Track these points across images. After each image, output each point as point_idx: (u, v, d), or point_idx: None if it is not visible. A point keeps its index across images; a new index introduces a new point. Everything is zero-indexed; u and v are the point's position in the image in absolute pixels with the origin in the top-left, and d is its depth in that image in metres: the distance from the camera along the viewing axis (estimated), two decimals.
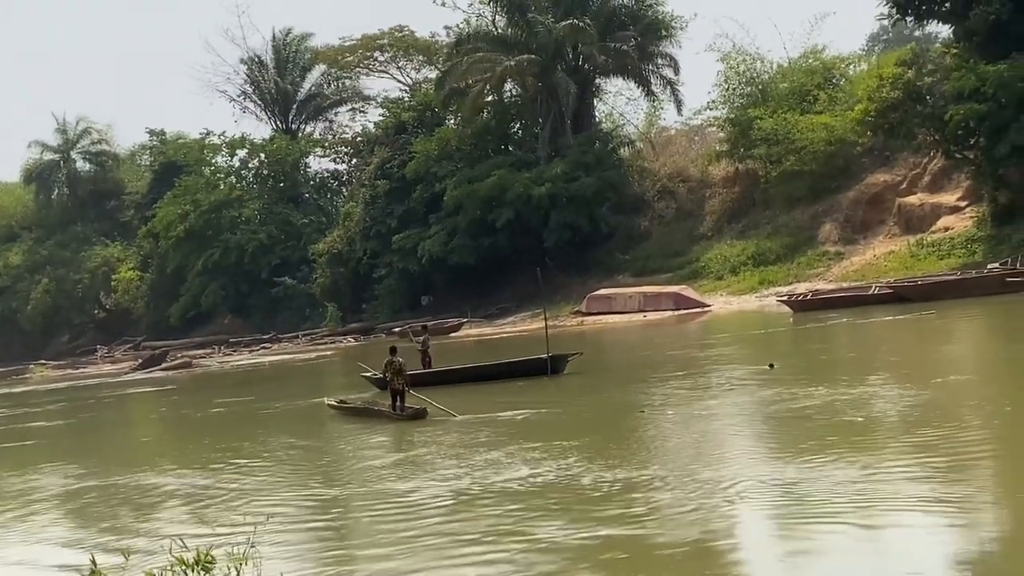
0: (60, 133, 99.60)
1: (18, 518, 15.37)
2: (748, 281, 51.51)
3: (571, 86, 63.01)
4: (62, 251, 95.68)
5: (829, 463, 12.60)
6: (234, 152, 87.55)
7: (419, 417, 20.73)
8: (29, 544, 13.51)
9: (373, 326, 65.07)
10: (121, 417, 33.76)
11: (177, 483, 16.76)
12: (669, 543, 10.29)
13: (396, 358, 21.70)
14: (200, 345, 71.20)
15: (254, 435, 22.26)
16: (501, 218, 60.12)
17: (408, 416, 20.96)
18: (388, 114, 75.69)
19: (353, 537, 12.31)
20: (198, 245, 79.20)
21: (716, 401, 19.80)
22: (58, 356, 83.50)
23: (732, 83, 61.08)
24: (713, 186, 62.50)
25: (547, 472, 13.98)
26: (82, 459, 21.62)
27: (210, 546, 7.58)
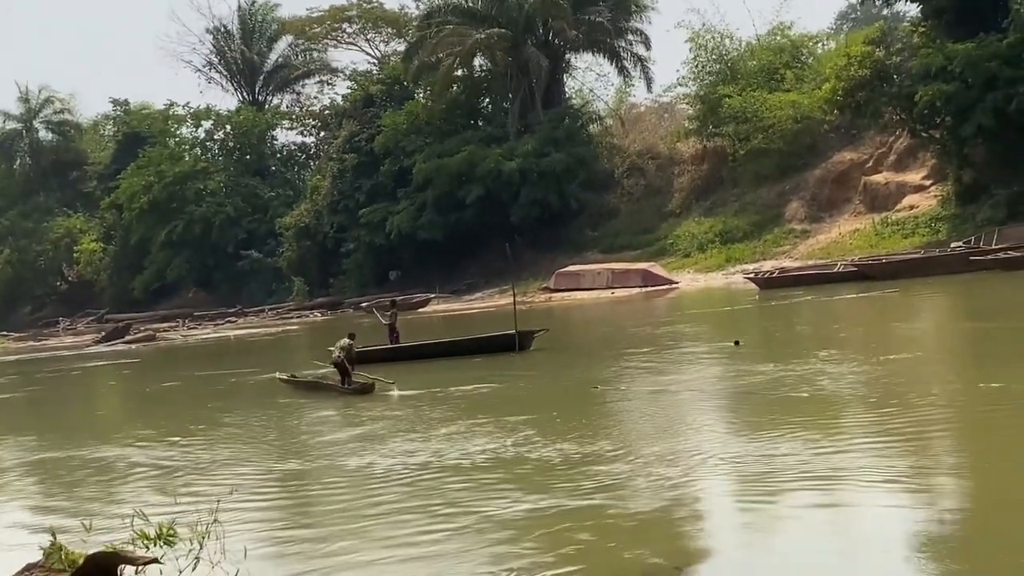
0: (22, 102, 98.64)
1: None
2: (715, 259, 51.64)
3: (543, 61, 62.83)
4: (24, 221, 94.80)
5: (788, 438, 12.63)
6: (199, 123, 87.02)
7: (366, 391, 21.22)
8: None
9: (340, 300, 64.90)
10: (82, 390, 33.49)
11: (137, 456, 16.51)
12: (625, 514, 10.26)
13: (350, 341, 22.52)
14: (164, 318, 70.78)
15: (215, 409, 22.08)
16: (471, 194, 59.96)
17: (355, 390, 21.50)
18: (356, 87, 75.31)
19: (313, 511, 12.20)
20: (162, 217, 78.54)
21: (679, 377, 19.85)
22: (19, 328, 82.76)
23: (701, 60, 61.14)
24: (682, 163, 62.59)
25: (504, 446, 13.97)
26: (40, 431, 21.41)
27: (172, 520, 7.51)
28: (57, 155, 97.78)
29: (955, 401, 14.41)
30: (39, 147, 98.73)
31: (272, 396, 23.03)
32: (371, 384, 21.43)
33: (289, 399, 22.41)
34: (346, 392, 21.72)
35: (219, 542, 8.23)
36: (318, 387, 23.19)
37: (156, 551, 7.65)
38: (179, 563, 7.96)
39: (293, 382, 24.25)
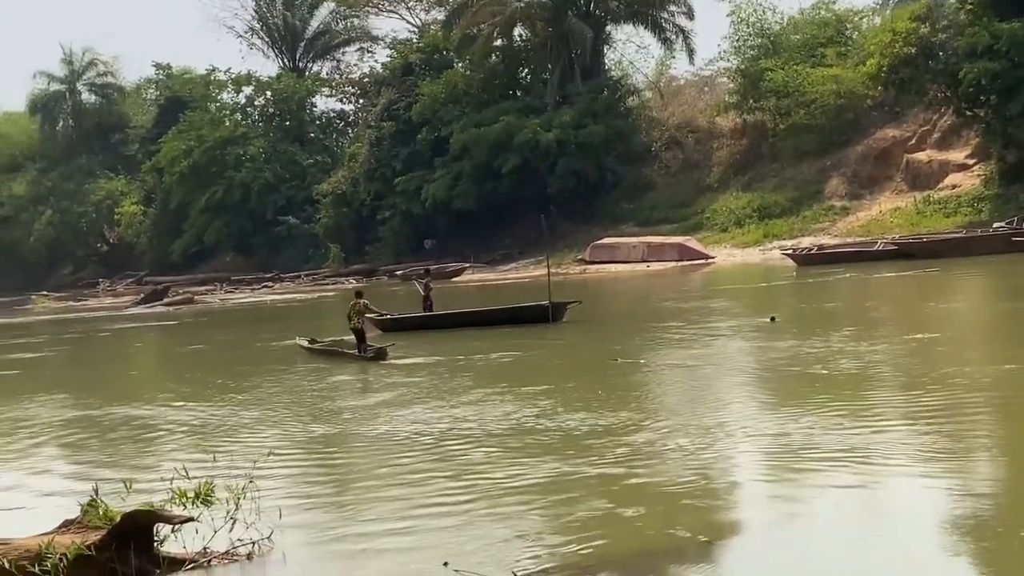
0: (66, 64, 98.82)
1: (14, 447, 15.37)
2: (753, 234, 51.39)
3: (587, 31, 62.52)
4: (66, 183, 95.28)
5: (819, 415, 12.67)
6: (240, 89, 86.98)
7: (380, 357, 21.64)
8: (25, 473, 13.50)
9: (375, 268, 65.06)
10: (120, 350, 33.78)
11: (170, 416, 16.74)
12: (649, 485, 10.33)
13: (360, 300, 22.91)
14: (202, 282, 71.14)
15: (245, 372, 22.30)
16: (507, 164, 59.88)
17: (370, 356, 21.89)
18: (396, 55, 75.13)
19: (341, 475, 12.35)
20: (202, 181, 78.83)
21: (711, 351, 19.90)
22: (60, 288, 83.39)
23: (742, 34, 60.64)
24: (721, 137, 62.22)
25: (526, 415, 14.12)
26: (77, 389, 21.66)
27: (209, 480, 7.61)
28: (100, 118, 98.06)
29: (988, 381, 14.34)
30: (82, 109, 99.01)
31: (296, 361, 23.34)
32: (384, 350, 21.84)
33: (311, 364, 22.74)
34: (361, 358, 22.09)
35: (254, 503, 8.34)
36: (335, 353, 23.57)
37: (193, 510, 7.76)
38: (214, 523, 8.07)
39: (312, 348, 24.58)
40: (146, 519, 7.58)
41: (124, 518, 7.56)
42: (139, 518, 7.53)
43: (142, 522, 7.57)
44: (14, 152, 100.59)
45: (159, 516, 7.56)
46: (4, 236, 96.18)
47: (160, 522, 7.69)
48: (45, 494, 12.04)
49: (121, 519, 7.58)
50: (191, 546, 8.24)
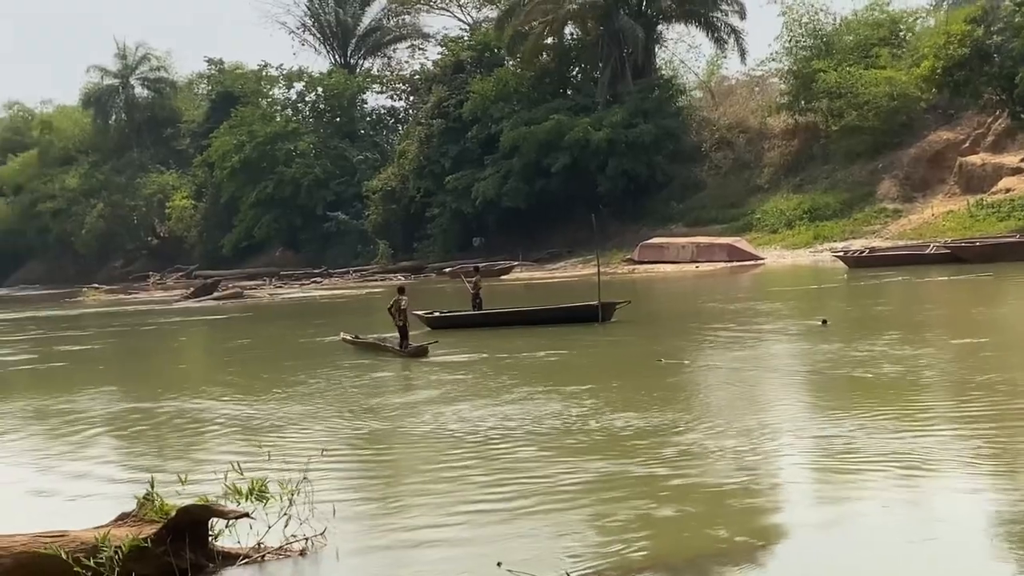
0: (120, 58, 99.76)
1: (68, 440, 15.52)
2: (803, 235, 51.10)
3: (638, 31, 62.35)
4: (118, 177, 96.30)
5: (868, 418, 12.63)
6: (291, 85, 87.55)
7: (420, 354, 21.97)
8: (80, 465, 13.60)
9: (424, 265, 65.22)
10: (170, 344, 34.06)
11: (219, 410, 16.86)
12: (696, 486, 10.33)
13: (402, 297, 22.97)
14: (251, 276, 71.57)
15: (294, 367, 22.38)
16: (557, 162, 59.86)
17: (410, 353, 22.15)
18: (447, 52, 75.28)
19: (391, 472, 12.42)
20: (252, 176, 79.39)
21: (762, 353, 19.86)
22: (111, 281, 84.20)
23: (795, 35, 60.26)
24: (772, 138, 61.92)
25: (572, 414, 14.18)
26: (127, 382, 21.84)
27: (265, 478, 7.64)
28: (152, 112, 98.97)
29: None
30: (134, 104, 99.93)
31: (341, 357, 23.49)
32: (425, 347, 22.18)
33: (355, 359, 22.89)
34: (402, 354, 22.28)
35: (307, 500, 8.37)
36: (377, 348, 23.78)
37: (247, 506, 7.79)
38: (268, 518, 8.10)
39: (356, 343, 24.79)
40: (201, 514, 7.63)
41: (179, 512, 7.61)
42: (194, 513, 7.58)
43: (197, 517, 7.62)
44: (67, 145, 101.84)
45: (214, 511, 7.60)
46: (57, 228, 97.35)
47: (215, 517, 7.73)
48: (99, 487, 12.15)
49: (176, 513, 7.63)
50: (245, 541, 8.29)
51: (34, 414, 18.15)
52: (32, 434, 16.37)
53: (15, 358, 29.43)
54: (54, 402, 19.12)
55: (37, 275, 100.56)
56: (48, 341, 34.45)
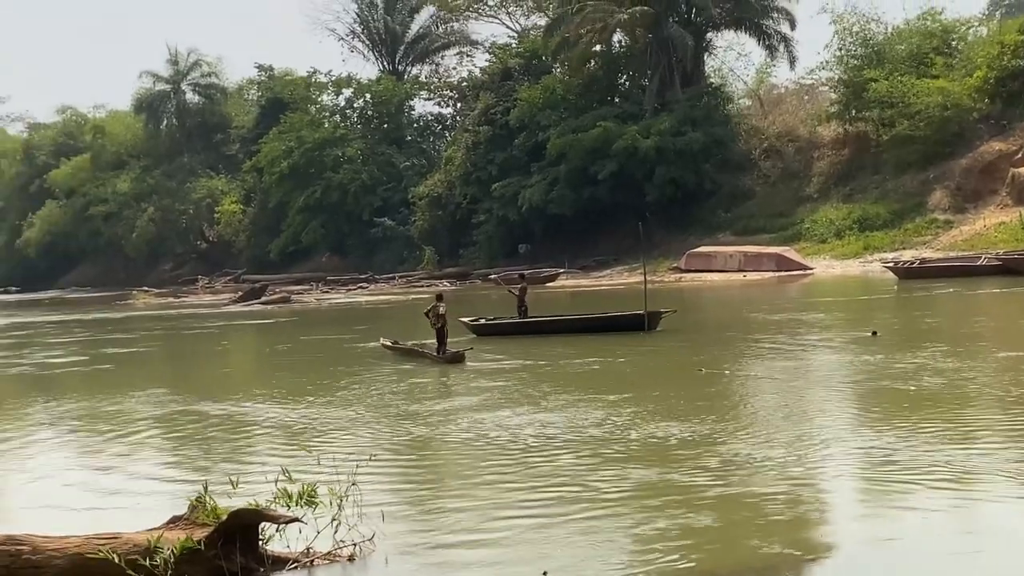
0: (171, 64, 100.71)
1: (119, 442, 15.65)
2: (852, 246, 50.76)
3: (687, 38, 62.20)
4: (168, 181, 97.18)
5: (916, 431, 12.57)
6: (340, 91, 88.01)
7: (457, 360, 22.15)
8: (131, 468, 13.73)
9: (469, 271, 65.31)
10: (217, 347, 34.27)
11: (266, 414, 17.00)
12: (740, 496, 10.29)
13: (440, 304, 23.40)
14: (299, 281, 71.91)
15: (339, 372, 22.55)
16: (604, 170, 59.79)
17: (447, 359, 22.38)
18: (495, 60, 75.43)
19: (436, 478, 12.47)
20: (300, 182, 79.87)
21: (808, 363, 19.76)
22: (160, 284, 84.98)
23: (846, 43, 59.92)
24: (822, 147, 61.59)
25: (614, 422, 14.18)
26: (175, 386, 21.96)
27: (315, 483, 7.67)
28: (202, 117, 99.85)
29: None
30: (185, 109, 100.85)
31: (382, 362, 23.74)
32: (462, 354, 22.36)
33: (395, 365, 23.04)
34: (440, 360, 22.52)
35: (357, 505, 8.39)
36: (415, 354, 23.97)
37: (297, 511, 7.82)
38: (317, 523, 8.14)
39: (395, 348, 25.00)
40: (252, 518, 7.67)
41: (231, 516, 7.66)
42: (245, 516, 7.62)
43: (248, 520, 7.66)
44: (119, 150, 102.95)
45: (265, 515, 7.64)
46: (108, 232, 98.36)
47: (266, 521, 7.77)
48: (151, 489, 12.26)
49: (228, 517, 7.67)
50: (294, 546, 8.33)
51: (86, 416, 18.31)
52: (85, 436, 16.53)
53: (67, 360, 29.73)
54: (105, 404, 19.30)
55: (88, 278, 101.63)
56: (99, 343, 34.77)
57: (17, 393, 23.11)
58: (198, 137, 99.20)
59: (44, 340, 37.58)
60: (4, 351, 33.83)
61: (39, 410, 19.62)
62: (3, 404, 20.95)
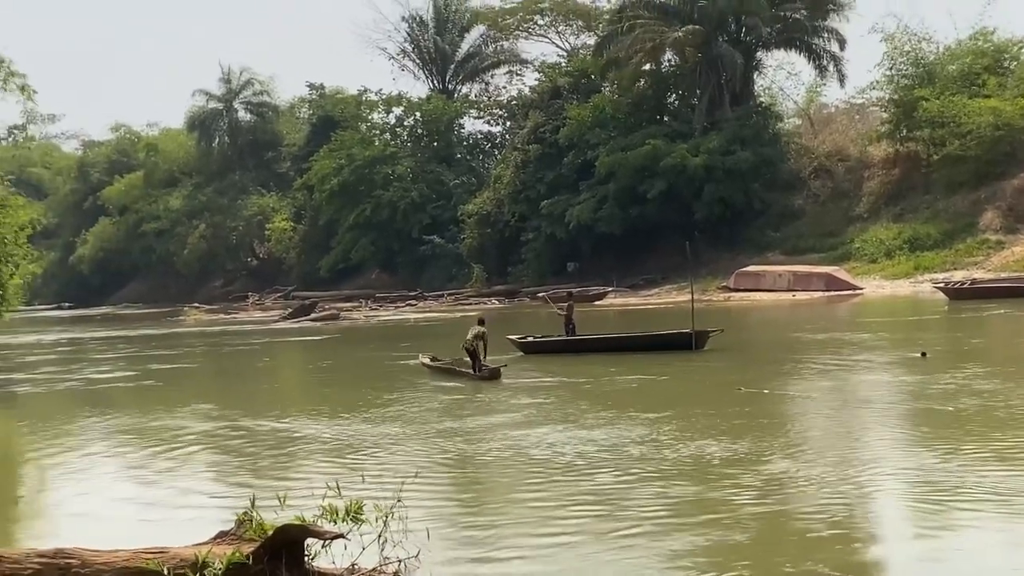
0: (224, 83, 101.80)
1: (167, 457, 15.85)
2: (903, 266, 50.39)
3: (737, 57, 62.08)
4: (220, 198, 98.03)
5: (965, 453, 12.49)
6: (390, 109, 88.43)
7: (494, 377, 22.46)
8: (178, 483, 13.89)
9: (518, 289, 65.39)
10: (266, 363, 34.50)
11: (313, 430, 17.15)
12: (783, 516, 10.28)
13: (481, 328, 23.66)
14: (348, 298, 72.22)
15: (382, 388, 22.73)
16: (653, 188, 59.76)
17: (484, 376, 22.63)
18: (544, 78, 75.55)
19: (479, 496, 12.52)
20: (351, 199, 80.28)
21: (857, 384, 19.65)
22: (211, 300, 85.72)
23: (897, 63, 59.55)
24: (872, 167, 61.25)
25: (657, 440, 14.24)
26: (224, 401, 22.19)
27: (360, 500, 7.75)
28: (254, 135, 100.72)
29: None
30: (237, 127, 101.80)
31: (423, 379, 24.02)
32: (498, 370, 22.67)
33: (437, 382, 23.26)
34: (476, 377, 22.76)
35: (402, 522, 8.46)
36: (453, 372, 24.20)
37: (343, 527, 7.90)
38: (363, 540, 8.21)
39: (433, 366, 25.22)
40: (298, 534, 7.75)
41: (277, 532, 7.74)
42: (292, 532, 7.70)
43: (294, 536, 7.74)
44: (172, 167, 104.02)
45: (311, 531, 7.71)
46: (160, 249, 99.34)
47: (312, 537, 7.84)
48: (197, 503, 12.40)
49: (275, 532, 7.76)
50: (339, 562, 8.40)
51: (134, 431, 18.53)
52: (132, 450, 16.71)
53: (116, 375, 30.08)
54: (152, 419, 19.53)
55: (140, 294, 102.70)
56: (148, 359, 35.13)
57: (67, 408, 23.42)
58: (250, 155, 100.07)
59: (94, 356, 38.04)
60: (56, 366, 34.29)
61: (88, 425, 19.86)
62: (53, 419, 21.23)
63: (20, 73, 34.99)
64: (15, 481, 14.83)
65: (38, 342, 48.67)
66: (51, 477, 15.31)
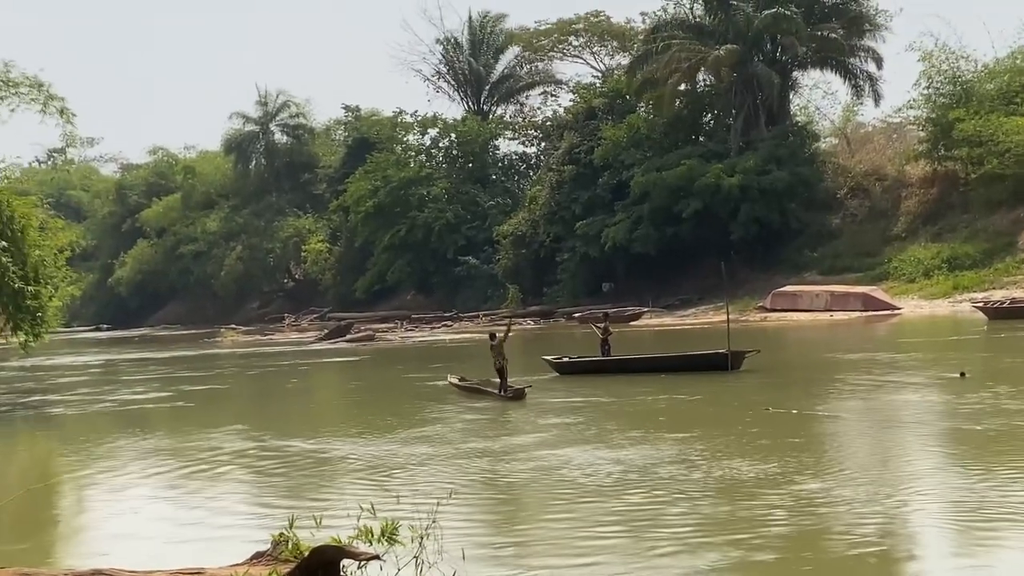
0: (261, 105, 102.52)
1: (202, 476, 15.91)
2: (941, 285, 49.96)
3: (773, 77, 61.91)
4: (256, 220, 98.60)
5: (1006, 475, 12.32)
6: (425, 131, 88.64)
7: (519, 397, 22.77)
8: (213, 503, 13.96)
9: (553, 310, 65.32)
10: (302, 384, 34.63)
11: (346, 451, 17.23)
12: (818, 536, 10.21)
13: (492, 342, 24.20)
14: (384, 319, 72.35)
15: (415, 408, 22.94)
16: (688, 208, 59.64)
17: (509, 396, 22.98)
18: (579, 99, 75.66)
19: (513, 515, 12.54)
20: (386, 221, 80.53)
21: (897, 403, 19.47)
22: (248, 322, 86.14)
23: (934, 82, 59.22)
24: (909, 186, 60.88)
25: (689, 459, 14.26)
26: (258, 422, 22.29)
27: (396, 520, 7.72)
28: (290, 157, 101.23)
29: None
30: (274, 149, 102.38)
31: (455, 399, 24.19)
32: (522, 391, 22.96)
33: (467, 402, 23.45)
34: (501, 398, 23.14)
35: (437, 543, 8.42)
36: (479, 391, 24.49)
37: (378, 548, 7.87)
38: (399, 561, 8.19)
39: (461, 386, 25.47)
40: (334, 555, 7.72)
41: (314, 552, 7.73)
42: (328, 553, 7.68)
43: (330, 557, 7.72)
44: (209, 189, 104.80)
45: (347, 552, 7.69)
46: (197, 270, 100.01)
47: (347, 558, 7.82)
48: (233, 523, 12.43)
49: (310, 553, 7.75)
50: None
51: (170, 451, 18.64)
52: (168, 471, 16.78)
53: (152, 395, 30.28)
54: (188, 440, 19.66)
55: (177, 315, 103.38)
56: (183, 380, 35.33)
57: (104, 428, 23.57)
58: (286, 177, 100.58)
59: (131, 377, 38.27)
60: (93, 387, 34.52)
61: (126, 445, 19.97)
62: (91, 439, 21.35)
63: (59, 97, 35.29)
64: (54, 501, 14.90)
65: (76, 363, 49.02)
66: (89, 497, 15.40)
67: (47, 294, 26.91)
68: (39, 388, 35.07)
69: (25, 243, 26.10)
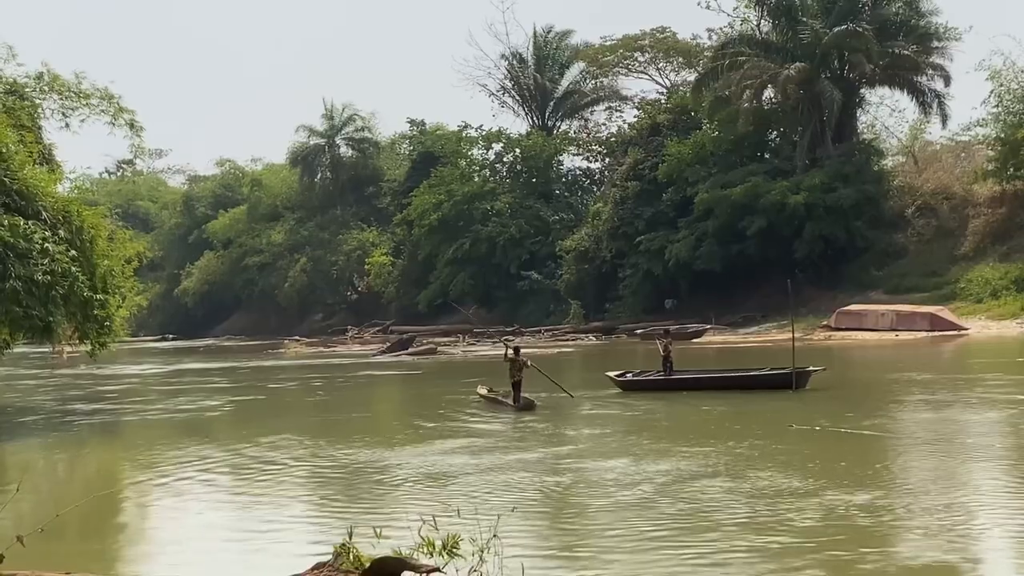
0: (327, 119, 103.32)
1: (261, 486, 16.02)
2: (1010, 306, 49.24)
3: (836, 94, 61.39)
4: (321, 233, 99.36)
5: None
6: (490, 145, 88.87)
7: (529, 408, 23.90)
8: (272, 511, 14.07)
9: (615, 326, 65.12)
10: (362, 396, 34.80)
11: (405, 460, 17.32)
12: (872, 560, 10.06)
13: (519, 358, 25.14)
14: (445, 333, 72.46)
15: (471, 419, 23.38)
16: (752, 226, 59.30)
17: (521, 407, 24.09)
18: (644, 115, 75.56)
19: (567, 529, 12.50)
20: (450, 235, 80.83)
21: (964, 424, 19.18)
22: (311, 334, 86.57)
23: (1004, 101, 58.45)
24: (977, 206, 60.09)
25: (758, 481, 14.08)
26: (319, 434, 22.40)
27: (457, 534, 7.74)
28: (355, 171, 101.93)
29: None
30: (339, 163, 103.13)
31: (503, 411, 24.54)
32: (532, 402, 24.13)
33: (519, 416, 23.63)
34: (514, 408, 24.23)
35: (497, 556, 8.44)
36: (498, 403, 25.42)
37: (438, 560, 7.90)
38: (458, 574, 8.21)
39: (486, 397, 26.44)
40: (395, 566, 7.75)
41: (374, 563, 7.76)
42: (389, 565, 7.71)
43: (391, 569, 7.74)
44: (274, 202, 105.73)
45: (408, 564, 7.71)
46: (262, 282, 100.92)
47: (408, 570, 7.85)
48: (291, 532, 12.52)
49: (371, 565, 7.78)
50: None
51: (230, 460, 18.76)
52: (228, 480, 16.92)
53: (214, 404, 30.58)
54: (249, 449, 19.77)
55: (242, 326, 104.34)
56: (248, 390, 35.71)
57: (167, 437, 23.78)
58: (351, 190, 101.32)
59: (196, 386, 38.62)
60: (157, 396, 34.95)
61: (187, 453, 20.14)
62: (153, 447, 21.62)
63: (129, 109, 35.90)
64: (116, 509, 15.09)
65: (141, 372, 49.64)
66: (152, 503, 15.55)
67: (114, 304, 27.20)
68: (104, 396, 35.51)
69: (94, 253, 26.41)
